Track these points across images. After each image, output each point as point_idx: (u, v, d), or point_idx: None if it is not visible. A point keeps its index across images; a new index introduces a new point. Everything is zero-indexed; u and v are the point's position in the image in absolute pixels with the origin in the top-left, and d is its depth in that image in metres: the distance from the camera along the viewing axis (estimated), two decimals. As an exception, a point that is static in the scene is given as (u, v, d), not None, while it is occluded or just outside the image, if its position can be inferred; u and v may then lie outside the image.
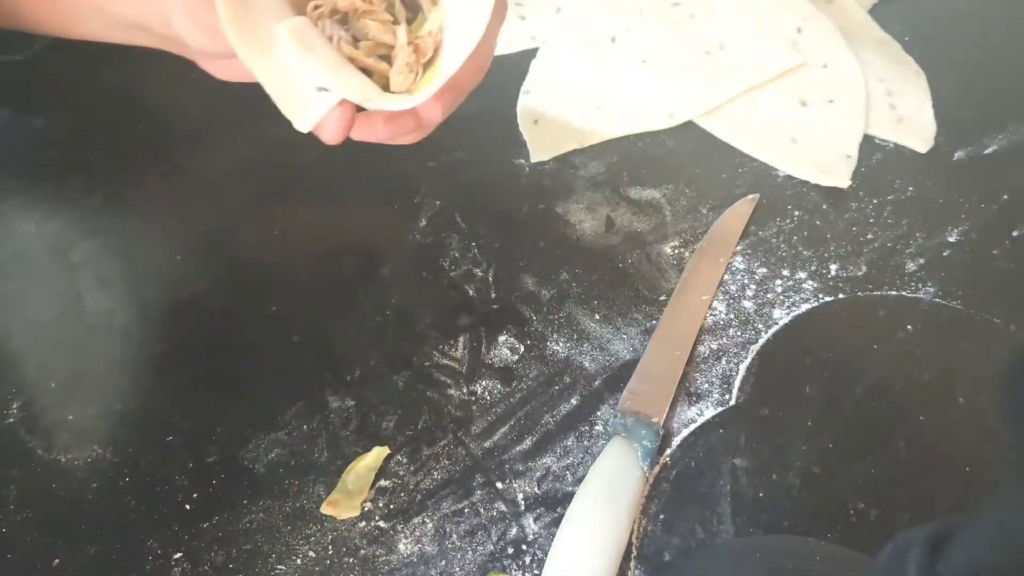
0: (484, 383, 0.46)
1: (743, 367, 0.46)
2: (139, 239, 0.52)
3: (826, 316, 0.47)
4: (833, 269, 0.49)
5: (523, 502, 0.42)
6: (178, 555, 0.41)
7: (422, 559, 0.41)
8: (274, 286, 0.50)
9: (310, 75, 0.33)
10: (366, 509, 0.42)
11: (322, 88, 0.33)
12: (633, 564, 0.40)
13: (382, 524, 0.42)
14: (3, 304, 0.50)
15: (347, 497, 0.42)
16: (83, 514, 0.42)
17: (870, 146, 0.54)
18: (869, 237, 0.50)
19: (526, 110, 0.57)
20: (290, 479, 0.43)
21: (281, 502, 0.42)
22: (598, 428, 0.44)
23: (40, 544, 0.41)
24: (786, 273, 0.49)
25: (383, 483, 0.43)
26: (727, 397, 0.45)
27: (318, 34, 0.34)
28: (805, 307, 0.48)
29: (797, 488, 0.42)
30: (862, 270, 0.49)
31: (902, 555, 0.24)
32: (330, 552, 0.41)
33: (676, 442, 0.43)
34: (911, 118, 0.55)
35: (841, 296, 0.48)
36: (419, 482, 0.43)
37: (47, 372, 0.47)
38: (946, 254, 0.49)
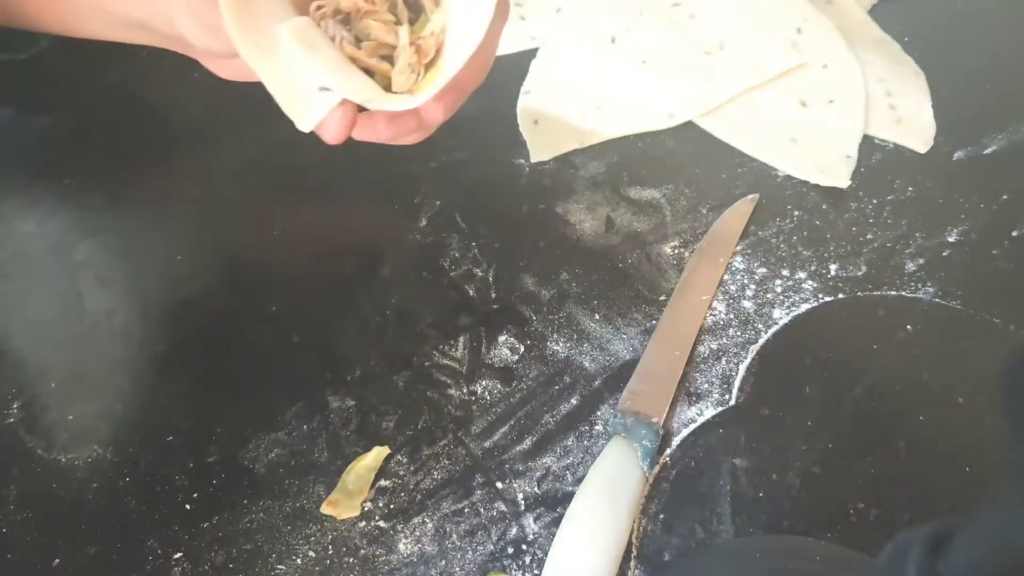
0: (484, 383, 0.46)
1: (743, 367, 0.46)
2: (140, 239, 0.52)
3: (826, 316, 0.47)
4: (833, 269, 0.49)
5: (523, 502, 0.42)
6: (178, 555, 0.41)
7: (422, 559, 0.41)
8: (274, 286, 0.50)
9: (312, 75, 0.33)
10: (366, 509, 0.42)
11: (324, 88, 0.33)
12: (633, 564, 0.40)
13: (382, 524, 0.42)
14: (3, 304, 0.50)
15: (347, 497, 0.42)
16: (83, 514, 0.42)
17: (870, 146, 0.54)
18: (869, 237, 0.50)
19: (526, 110, 0.57)
20: (290, 479, 0.43)
21: (281, 502, 0.42)
22: (598, 428, 0.44)
23: (40, 544, 0.41)
24: (786, 273, 0.49)
25: (383, 483, 0.43)
26: (727, 397, 0.45)
27: (320, 34, 0.34)
28: (805, 307, 0.48)
29: (797, 488, 0.42)
30: (862, 270, 0.49)
31: (902, 555, 0.24)
32: (330, 552, 0.41)
33: (676, 442, 0.43)
34: (911, 118, 0.55)
35: (841, 296, 0.48)
36: (419, 482, 0.43)
37: (47, 372, 0.47)
38: (946, 254, 0.49)
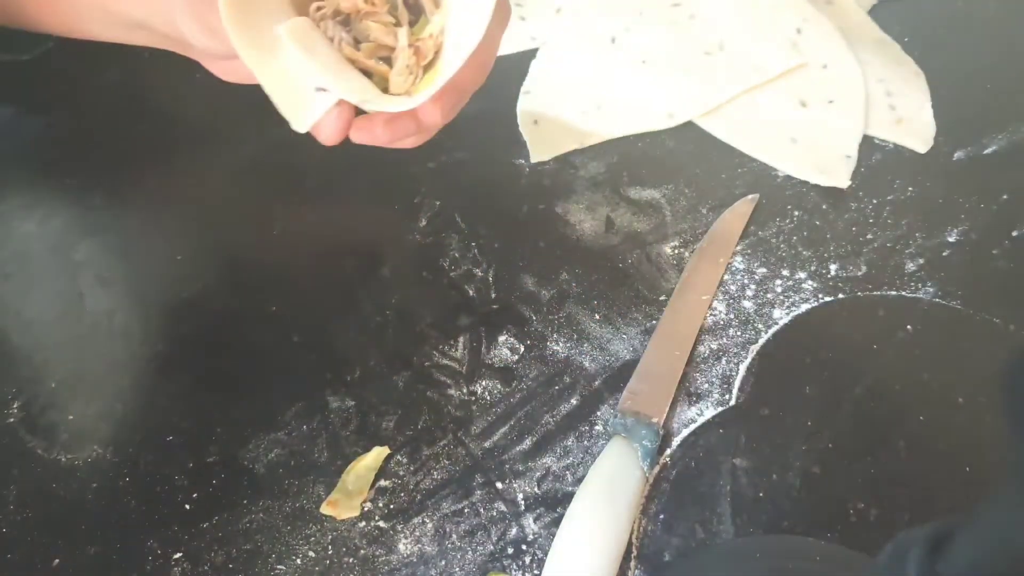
0: (484, 383, 0.46)
1: (743, 367, 0.46)
2: (140, 239, 0.52)
3: (826, 316, 0.47)
4: (833, 269, 0.49)
5: (523, 502, 0.42)
6: (178, 555, 0.41)
7: (422, 559, 0.41)
8: (274, 286, 0.50)
9: (309, 75, 0.33)
10: (366, 509, 0.42)
11: (321, 88, 0.33)
12: (633, 564, 0.40)
13: (382, 524, 0.42)
14: (3, 304, 0.50)
15: (347, 497, 0.42)
16: (83, 514, 0.42)
17: (870, 146, 0.54)
18: (869, 237, 0.50)
19: (526, 110, 0.56)
20: (290, 479, 0.43)
21: (281, 502, 0.42)
22: (598, 428, 0.44)
23: (40, 544, 0.41)
24: (786, 273, 0.49)
25: (383, 483, 0.43)
26: (727, 397, 0.45)
27: (319, 35, 0.34)
28: (805, 307, 0.48)
29: (797, 488, 0.42)
30: (862, 270, 0.49)
31: (902, 555, 0.24)
32: (330, 552, 0.41)
33: (676, 442, 0.43)
34: (911, 118, 0.55)
35: (841, 296, 0.48)
36: (419, 482, 0.43)
37: (47, 372, 0.47)
38: (946, 254, 0.49)
